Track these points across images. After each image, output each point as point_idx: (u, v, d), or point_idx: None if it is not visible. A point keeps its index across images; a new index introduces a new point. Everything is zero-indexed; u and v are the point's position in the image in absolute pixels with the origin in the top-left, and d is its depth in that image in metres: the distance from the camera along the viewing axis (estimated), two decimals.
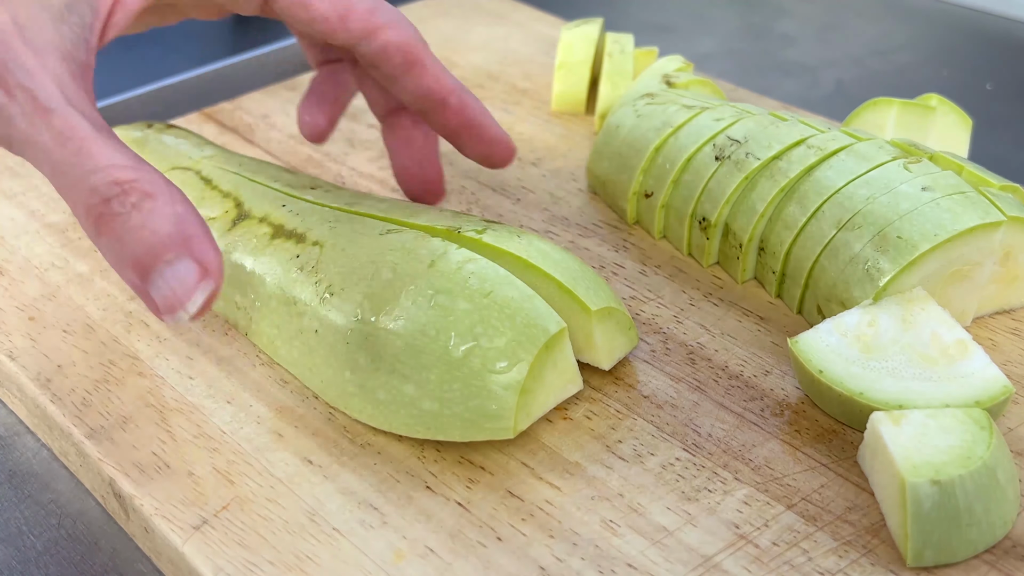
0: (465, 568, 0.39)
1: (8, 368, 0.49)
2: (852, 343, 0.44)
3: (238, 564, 0.39)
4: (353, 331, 0.44)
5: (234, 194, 0.51)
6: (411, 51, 0.49)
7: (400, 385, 0.42)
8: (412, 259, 0.44)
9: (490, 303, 0.42)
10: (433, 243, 0.45)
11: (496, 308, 0.42)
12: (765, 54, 0.90)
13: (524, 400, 0.42)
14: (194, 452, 0.44)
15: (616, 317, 0.46)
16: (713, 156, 0.54)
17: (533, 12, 0.85)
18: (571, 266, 0.46)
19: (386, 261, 0.45)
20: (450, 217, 0.48)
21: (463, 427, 0.42)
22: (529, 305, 0.42)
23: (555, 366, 0.43)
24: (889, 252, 0.46)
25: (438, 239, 0.45)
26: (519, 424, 0.42)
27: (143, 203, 0.37)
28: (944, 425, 0.40)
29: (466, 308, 0.42)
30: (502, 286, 0.43)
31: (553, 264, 0.45)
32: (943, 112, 0.57)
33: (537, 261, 0.45)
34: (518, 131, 0.68)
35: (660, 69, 0.64)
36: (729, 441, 0.44)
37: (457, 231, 0.46)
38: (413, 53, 0.49)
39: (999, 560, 0.39)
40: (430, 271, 0.43)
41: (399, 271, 0.44)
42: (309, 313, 0.45)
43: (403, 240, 0.45)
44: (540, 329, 0.42)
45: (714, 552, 0.39)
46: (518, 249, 0.45)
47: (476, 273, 0.43)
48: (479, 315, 0.42)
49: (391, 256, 0.45)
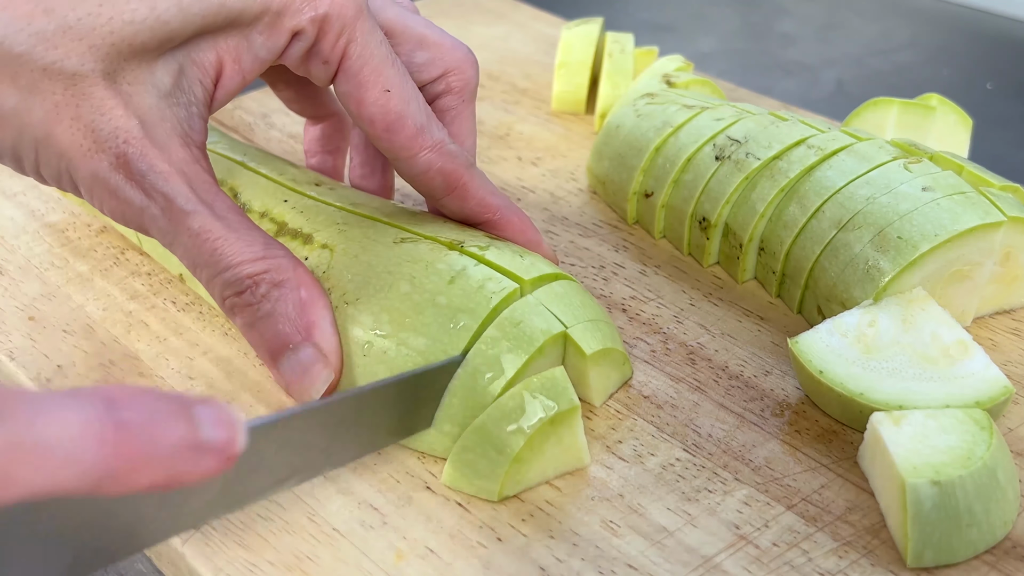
0: (465, 568, 0.39)
1: (8, 368, 0.49)
2: (852, 343, 0.44)
3: (238, 564, 0.39)
4: (371, 344, 0.43)
5: (229, 182, 0.51)
6: (453, 176, 0.47)
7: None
8: (431, 273, 0.44)
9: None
10: (451, 257, 0.44)
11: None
12: (765, 54, 0.90)
13: (515, 468, 0.41)
14: None
15: (611, 356, 0.45)
16: (713, 156, 0.54)
17: (533, 12, 0.85)
18: (573, 301, 0.45)
19: (403, 273, 0.44)
20: (454, 229, 0.47)
21: (452, 470, 0.42)
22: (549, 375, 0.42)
23: (559, 441, 0.42)
24: (889, 252, 0.46)
25: (455, 252, 0.44)
26: (505, 489, 0.41)
27: (271, 292, 0.42)
28: (944, 425, 0.40)
29: (494, 335, 0.42)
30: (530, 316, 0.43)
31: (555, 299, 0.44)
32: (943, 112, 0.57)
33: (540, 296, 0.44)
34: (518, 131, 0.68)
35: (660, 69, 0.64)
36: (729, 441, 0.44)
37: (460, 245, 0.45)
38: (455, 178, 0.47)
39: (999, 560, 0.39)
40: (450, 287, 0.43)
41: (417, 284, 0.44)
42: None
43: (419, 252, 0.45)
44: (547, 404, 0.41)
45: (714, 552, 0.39)
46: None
47: (497, 292, 0.43)
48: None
49: (408, 268, 0.44)
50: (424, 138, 0.46)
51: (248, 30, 0.43)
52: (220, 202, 0.42)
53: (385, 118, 0.45)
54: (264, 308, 0.42)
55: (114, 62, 0.40)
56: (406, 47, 0.48)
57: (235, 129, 0.69)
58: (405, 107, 0.45)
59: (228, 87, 0.44)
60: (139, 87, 0.41)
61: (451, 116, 0.50)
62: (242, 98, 0.72)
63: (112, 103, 0.40)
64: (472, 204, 0.48)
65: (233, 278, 0.41)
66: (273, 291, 0.42)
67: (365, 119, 0.45)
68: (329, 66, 0.44)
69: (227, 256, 0.41)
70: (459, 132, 0.50)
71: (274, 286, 0.42)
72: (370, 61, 0.44)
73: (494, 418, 0.40)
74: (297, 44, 0.43)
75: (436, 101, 0.50)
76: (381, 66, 0.44)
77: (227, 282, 0.42)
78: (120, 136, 0.40)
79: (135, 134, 0.41)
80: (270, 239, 0.42)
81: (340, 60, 0.44)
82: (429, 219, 0.48)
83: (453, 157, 0.47)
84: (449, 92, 0.49)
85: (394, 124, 0.45)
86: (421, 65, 0.49)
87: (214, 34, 0.42)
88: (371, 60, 0.44)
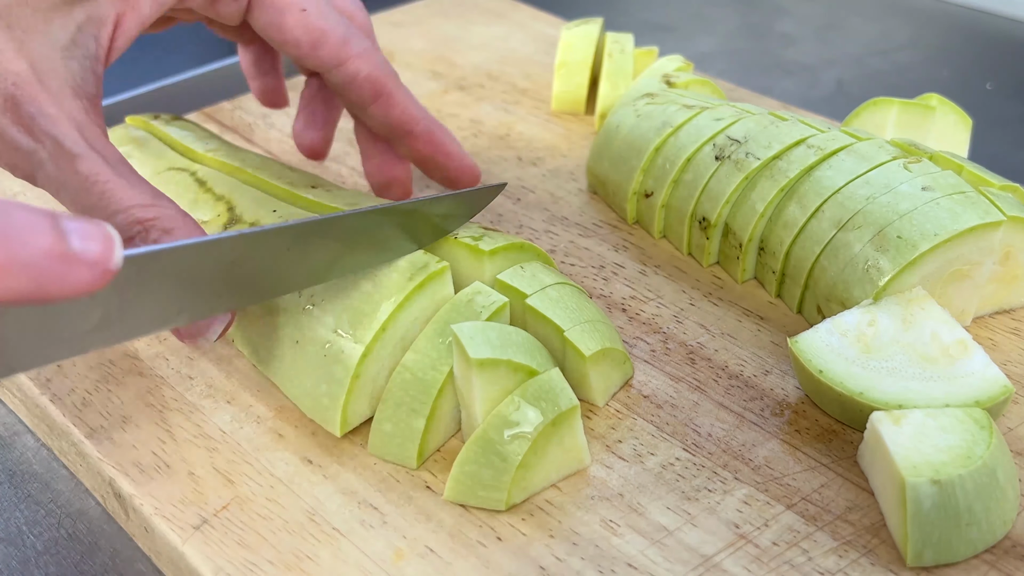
0: (465, 568, 0.39)
1: None
2: (852, 343, 0.44)
3: (238, 564, 0.39)
4: (331, 344, 0.43)
5: (227, 197, 0.51)
6: (379, 82, 0.50)
7: (409, 420, 0.42)
8: (392, 271, 0.43)
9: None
10: (422, 257, 0.44)
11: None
12: (765, 54, 0.90)
13: (521, 474, 0.41)
14: (194, 452, 0.44)
15: (611, 356, 0.45)
16: (713, 156, 0.54)
17: (533, 12, 0.85)
18: (569, 303, 0.45)
19: (367, 273, 0.44)
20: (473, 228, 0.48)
21: (455, 485, 0.41)
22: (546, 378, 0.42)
23: (561, 443, 0.42)
24: (889, 252, 0.46)
25: (426, 255, 0.44)
26: (512, 497, 0.41)
27: (163, 238, 0.40)
28: (944, 425, 0.40)
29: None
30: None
31: (551, 304, 0.45)
32: (943, 112, 0.57)
33: (535, 303, 0.44)
34: (518, 131, 0.68)
35: (660, 69, 0.64)
36: (729, 441, 0.44)
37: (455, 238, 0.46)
38: (381, 84, 0.50)
39: (999, 560, 0.39)
40: (411, 286, 0.43)
41: (379, 283, 0.43)
42: (292, 323, 0.45)
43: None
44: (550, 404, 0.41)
45: (714, 552, 0.39)
46: (521, 284, 0.45)
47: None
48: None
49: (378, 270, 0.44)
50: (350, 46, 0.48)
51: None
52: (110, 152, 0.42)
53: (309, 36, 0.47)
54: None
55: (8, 7, 0.41)
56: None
57: (235, 129, 0.69)
58: (325, 21, 0.47)
59: (127, 35, 0.44)
60: (34, 35, 0.42)
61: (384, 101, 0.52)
62: (242, 98, 0.72)
63: (3, 46, 0.41)
64: (396, 112, 0.50)
65: (123, 222, 0.40)
66: (164, 237, 0.40)
67: (291, 43, 0.47)
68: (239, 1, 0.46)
69: (116, 200, 0.40)
70: (405, 108, 0.52)
71: (165, 232, 0.40)
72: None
73: (494, 426, 0.40)
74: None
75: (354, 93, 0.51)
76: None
77: (117, 226, 0.40)
78: (9, 79, 0.41)
79: (25, 78, 0.41)
80: (159, 192, 0.42)
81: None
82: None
83: (380, 64, 0.49)
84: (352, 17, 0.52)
85: (319, 40, 0.47)
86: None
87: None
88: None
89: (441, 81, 0.75)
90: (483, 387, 0.40)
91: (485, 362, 0.40)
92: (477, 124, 0.69)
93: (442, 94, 0.73)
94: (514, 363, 0.41)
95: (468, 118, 0.70)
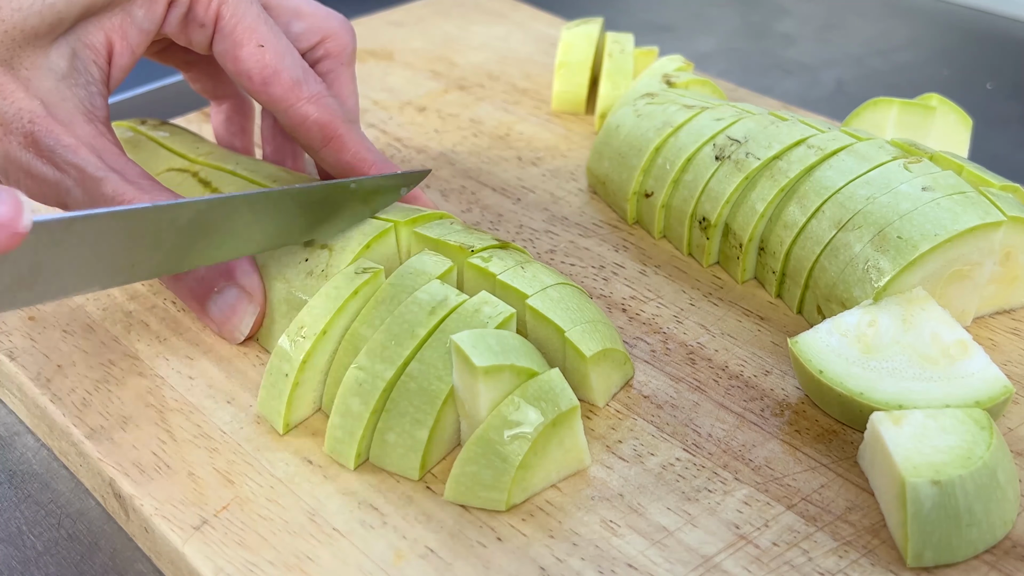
0: (465, 568, 0.39)
1: (8, 368, 0.49)
2: (852, 343, 0.44)
3: (238, 564, 0.39)
4: (279, 348, 0.44)
5: None
6: (330, 127, 0.50)
7: (413, 430, 0.42)
8: (416, 305, 0.44)
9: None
10: (433, 287, 0.44)
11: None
12: (765, 53, 0.90)
13: (521, 474, 0.40)
14: (194, 452, 0.44)
15: (611, 356, 0.45)
16: (713, 156, 0.54)
17: (533, 12, 0.85)
18: (570, 304, 0.45)
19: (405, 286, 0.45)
20: (461, 232, 0.48)
21: (455, 486, 0.41)
22: (545, 378, 0.41)
23: (561, 443, 0.42)
24: (889, 252, 0.46)
25: (436, 283, 0.44)
26: (513, 497, 0.41)
27: None
28: (944, 425, 0.40)
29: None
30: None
31: (552, 304, 0.45)
32: (943, 112, 0.57)
33: (536, 304, 0.44)
34: (518, 131, 0.68)
35: (660, 69, 0.64)
36: (729, 441, 0.44)
37: (470, 249, 0.46)
38: (332, 129, 0.50)
39: (999, 560, 0.39)
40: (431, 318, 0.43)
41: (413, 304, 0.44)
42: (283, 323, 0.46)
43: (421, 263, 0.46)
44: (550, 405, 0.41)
45: (714, 552, 0.39)
46: (522, 285, 0.45)
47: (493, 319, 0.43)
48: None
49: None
50: (301, 90, 0.49)
51: (129, 5, 0.46)
52: (130, 169, 0.44)
53: (262, 72, 0.48)
54: None
55: (9, 50, 0.43)
56: (283, 18, 0.52)
57: None
58: (279, 61, 0.48)
59: (121, 63, 0.47)
60: (37, 71, 0.44)
61: (331, 79, 0.53)
62: None
63: (12, 87, 0.43)
64: (348, 156, 0.50)
65: None
66: None
67: (243, 75, 0.48)
68: (206, 29, 0.48)
69: None
70: (340, 93, 0.54)
71: None
72: (243, 20, 0.48)
73: (495, 427, 0.40)
74: (174, 11, 0.47)
75: (315, 66, 0.53)
76: (254, 24, 0.48)
77: None
78: (25, 116, 0.43)
79: (39, 113, 0.43)
80: (179, 199, 0.43)
81: (215, 21, 0.48)
82: (436, 224, 0.49)
83: (329, 109, 0.50)
84: (327, 57, 0.53)
85: (270, 77, 0.48)
86: (299, 34, 0.52)
87: (99, 14, 0.45)
88: (244, 19, 0.48)
89: (441, 81, 0.75)
90: (488, 394, 0.40)
91: (490, 369, 0.40)
92: (477, 124, 0.69)
93: (442, 94, 0.73)
94: (517, 367, 0.41)
95: (468, 118, 0.70)
